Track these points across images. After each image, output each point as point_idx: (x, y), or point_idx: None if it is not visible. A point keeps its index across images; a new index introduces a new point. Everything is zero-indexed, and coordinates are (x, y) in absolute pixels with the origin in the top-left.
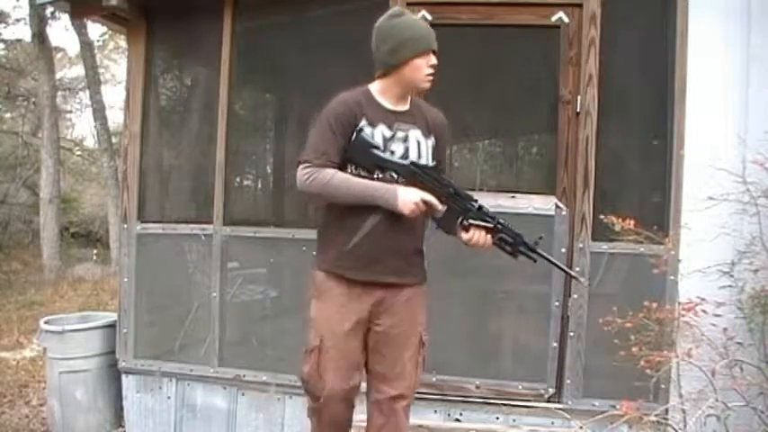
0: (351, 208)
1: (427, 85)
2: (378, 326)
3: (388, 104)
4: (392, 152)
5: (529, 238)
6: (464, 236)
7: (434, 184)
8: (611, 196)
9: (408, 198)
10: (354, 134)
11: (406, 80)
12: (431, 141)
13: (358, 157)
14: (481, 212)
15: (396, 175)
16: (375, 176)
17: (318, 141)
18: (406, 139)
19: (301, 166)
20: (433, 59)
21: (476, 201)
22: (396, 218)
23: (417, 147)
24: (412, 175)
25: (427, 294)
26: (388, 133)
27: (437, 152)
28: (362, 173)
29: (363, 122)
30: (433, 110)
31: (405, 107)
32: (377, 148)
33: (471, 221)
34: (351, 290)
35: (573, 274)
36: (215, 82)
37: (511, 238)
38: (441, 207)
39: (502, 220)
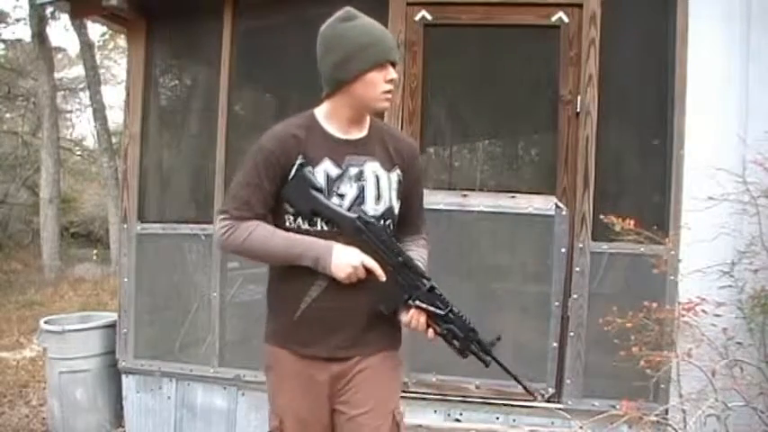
0: (296, 266)
1: (385, 105)
2: (341, 408)
3: (337, 132)
4: (341, 196)
5: (487, 335)
6: (403, 317)
7: (382, 248)
8: (611, 196)
9: (345, 260)
10: (293, 170)
11: (357, 100)
12: (395, 176)
13: (295, 199)
14: (432, 295)
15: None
16: (318, 228)
17: (240, 188)
18: (360, 177)
19: (219, 218)
20: (392, 73)
21: (428, 279)
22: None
23: (376, 184)
24: (356, 232)
25: (401, 362)
26: (335, 171)
27: (404, 189)
28: (302, 223)
29: (301, 161)
30: (400, 134)
31: (360, 134)
32: (318, 189)
33: (419, 303)
34: (303, 367)
35: (527, 385)
36: (215, 82)
37: (462, 333)
38: (383, 278)
39: (455, 309)
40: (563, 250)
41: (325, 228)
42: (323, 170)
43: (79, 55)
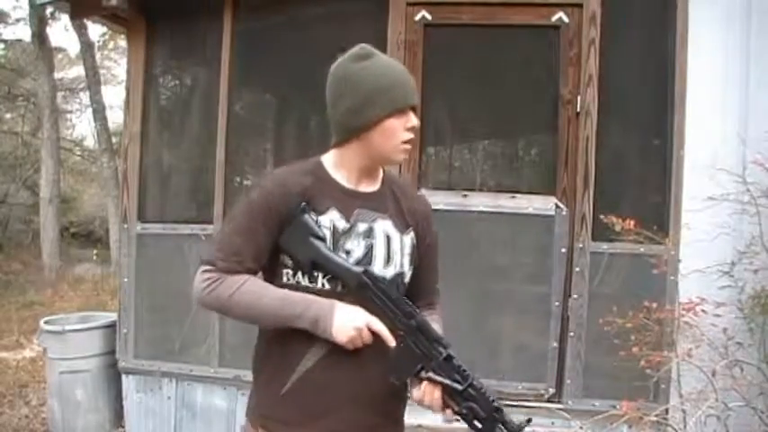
0: (288, 333)
1: (403, 156)
2: None
3: (347, 183)
4: (347, 252)
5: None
6: (415, 392)
7: (392, 308)
8: (611, 196)
9: (348, 322)
10: (296, 215)
11: (374, 150)
12: (408, 239)
13: (293, 247)
14: (450, 365)
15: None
16: (319, 285)
17: (230, 236)
18: (369, 234)
19: (201, 269)
20: (414, 120)
21: (445, 347)
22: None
23: (386, 245)
24: (361, 289)
25: None
26: (343, 224)
27: (418, 254)
28: (302, 278)
29: (303, 205)
30: (414, 192)
31: (372, 187)
32: (320, 238)
33: (432, 375)
34: None
35: None
36: (215, 82)
37: (484, 413)
38: (392, 343)
39: (477, 384)
40: (563, 250)
41: (328, 286)
42: (329, 220)
43: (79, 55)
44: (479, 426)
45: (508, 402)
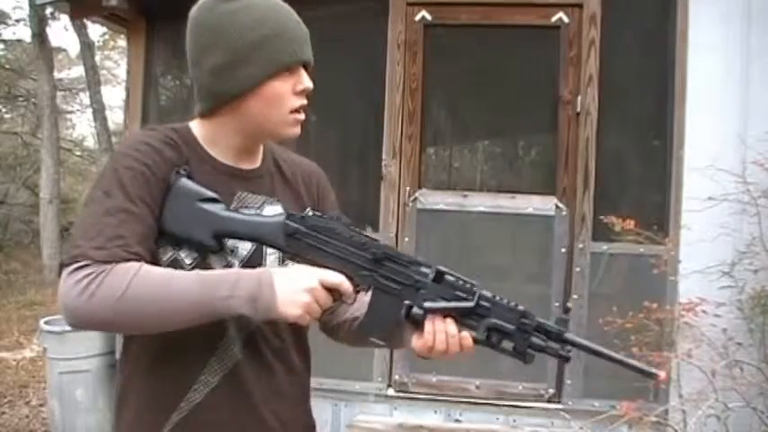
0: (170, 350)
1: (294, 130)
2: None
3: (222, 159)
4: (231, 251)
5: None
6: (416, 341)
7: (339, 248)
8: (611, 196)
9: (296, 287)
10: (171, 183)
11: (253, 122)
12: None
13: (183, 226)
14: (444, 285)
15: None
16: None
17: (101, 218)
18: None
19: (68, 271)
20: (306, 81)
21: (428, 265)
22: (259, 362)
23: None
24: (293, 240)
25: None
26: None
27: None
28: (195, 261)
29: (180, 170)
30: (298, 157)
31: (254, 163)
32: (215, 201)
33: (430, 305)
34: None
35: (646, 368)
36: None
37: (511, 325)
38: (351, 292)
39: (486, 293)
40: (563, 250)
41: (231, 261)
42: None
43: (79, 55)
44: (512, 345)
45: (508, 402)
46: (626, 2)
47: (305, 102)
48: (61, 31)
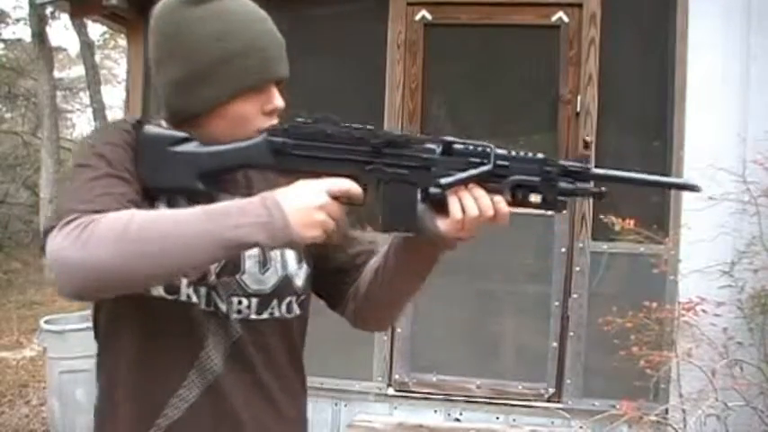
0: (145, 363)
1: None
2: None
3: None
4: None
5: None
6: (440, 223)
7: (334, 149)
8: (611, 196)
9: (306, 203)
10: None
11: (214, 140)
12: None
13: (161, 175)
14: (457, 156)
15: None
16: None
17: (85, 185)
18: None
19: (54, 232)
20: (277, 100)
21: (434, 140)
22: (246, 377)
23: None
24: (282, 156)
25: None
26: None
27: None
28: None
29: (140, 118)
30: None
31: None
32: (188, 140)
33: (449, 180)
34: None
35: (683, 182)
36: None
37: (536, 176)
38: (361, 194)
39: (501, 151)
40: (563, 250)
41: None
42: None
43: (79, 55)
44: (540, 197)
45: (508, 402)
46: (626, 2)
47: (275, 121)
48: (61, 31)
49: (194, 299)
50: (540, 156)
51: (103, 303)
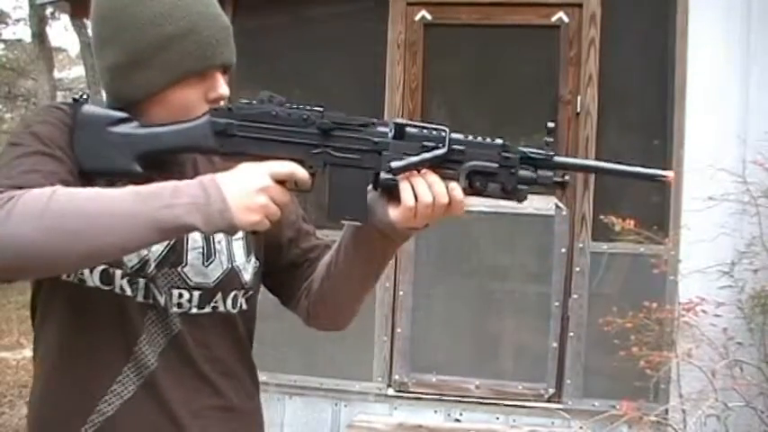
0: (78, 355)
1: None
2: None
3: None
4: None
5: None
6: (392, 212)
7: (280, 131)
8: (611, 196)
9: (247, 188)
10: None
11: None
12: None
13: (97, 157)
14: (410, 140)
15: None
16: None
17: (12, 161)
18: None
19: None
20: (221, 87)
21: (385, 123)
22: (186, 373)
23: (202, 235)
24: (225, 138)
25: None
26: None
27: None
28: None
29: (78, 96)
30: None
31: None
32: (127, 120)
33: (396, 166)
34: None
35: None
36: None
37: (494, 162)
38: (307, 178)
39: (457, 135)
40: (563, 250)
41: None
42: None
43: (79, 55)
44: (501, 186)
45: (508, 402)
46: (626, 2)
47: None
48: (61, 31)
49: (128, 291)
50: (498, 141)
51: (40, 290)
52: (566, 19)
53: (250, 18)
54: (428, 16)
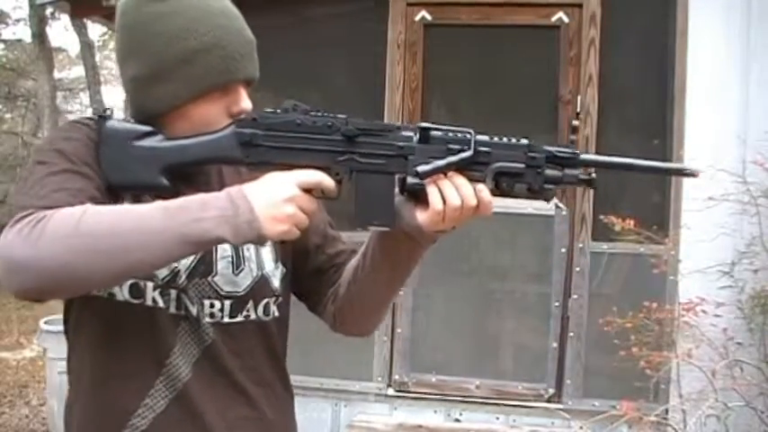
0: (110, 369)
1: None
2: None
3: None
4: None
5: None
6: (419, 215)
7: (303, 138)
8: (611, 196)
9: (274, 198)
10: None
11: None
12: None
13: (124, 171)
14: (435, 143)
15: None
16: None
17: (41, 180)
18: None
19: (8, 227)
20: (244, 101)
21: (407, 128)
22: (219, 384)
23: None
24: (249, 148)
25: None
26: None
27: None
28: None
29: (102, 113)
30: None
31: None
32: (152, 134)
33: (423, 170)
34: None
35: (680, 166)
36: None
37: (520, 162)
38: (334, 186)
39: (482, 137)
40: (563, 250)
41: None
42: None
43: (79, 55)
44: (528, 186)
45: (508, 402)
46: (626, 2)
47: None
48: (61, 31)
49: (160, 303)
50: (524, 141)
51: (72, 305)
52: (566, 19)
53: (250, 18)
54: (428, 16)
